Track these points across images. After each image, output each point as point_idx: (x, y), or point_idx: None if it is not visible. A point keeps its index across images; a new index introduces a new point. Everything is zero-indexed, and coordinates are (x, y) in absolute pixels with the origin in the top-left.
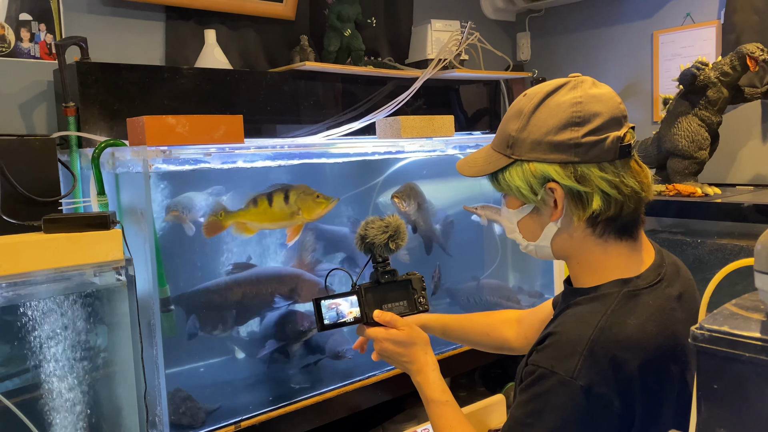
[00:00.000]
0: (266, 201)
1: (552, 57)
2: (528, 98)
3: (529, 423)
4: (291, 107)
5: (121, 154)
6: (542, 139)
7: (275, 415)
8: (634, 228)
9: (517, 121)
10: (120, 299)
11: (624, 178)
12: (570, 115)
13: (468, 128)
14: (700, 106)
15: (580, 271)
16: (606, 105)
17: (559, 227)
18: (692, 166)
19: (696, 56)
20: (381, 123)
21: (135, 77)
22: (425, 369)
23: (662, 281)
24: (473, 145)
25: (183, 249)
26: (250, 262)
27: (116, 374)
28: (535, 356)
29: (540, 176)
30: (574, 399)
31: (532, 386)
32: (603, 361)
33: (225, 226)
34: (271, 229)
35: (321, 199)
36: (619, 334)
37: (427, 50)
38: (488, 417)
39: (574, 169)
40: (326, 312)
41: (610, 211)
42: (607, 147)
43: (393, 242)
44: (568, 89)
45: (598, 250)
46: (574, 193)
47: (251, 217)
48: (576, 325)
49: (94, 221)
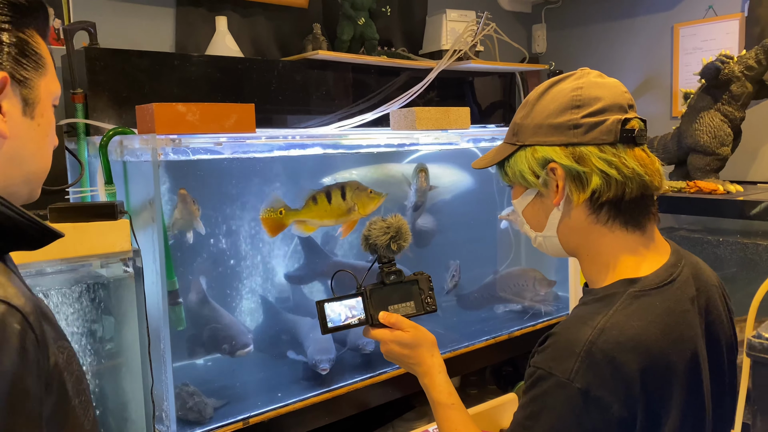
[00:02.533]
0: (325, 198)
1: (568, 49)
2: (535, 90)
3: (528, 425)
4: (303, 97)
5: (129, 143)
6: (543, 122)
7: (284, 412)
8: (641, 218)
9: (523, 110)
10: (127, 291)
11: (625, 160)
12: (570, 98)
13: (482, 121)
14: (723, 101)
15: (590, 267)
16: (609, 91)
17: (562, 212)
18: (714, 162)
19: (718, 50)
20: (395, 114)
21: (144, 64)
22: (431, 371)
23: (674, 282)
24: (489, 137)
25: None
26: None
27: (123, 368)
28: (535, 357)
29: (541, 158)
30: (570, 401)
31: (531, 388)
32: (601, 363)
33: (286, 224)
34: (329, 226)
35: (374, 195)
36: (619, 335)
37: (442, 41)
38: (500, 416)
39: (573, 149)
40: (330, 314)
41: (611, 191)
42: (606, 128)
43: (395, 243)
44: (573, 78)
45: (605, 241)
46: (574, 174)
47: (311, 214)
48: (576, 325)
49: (101, 211)
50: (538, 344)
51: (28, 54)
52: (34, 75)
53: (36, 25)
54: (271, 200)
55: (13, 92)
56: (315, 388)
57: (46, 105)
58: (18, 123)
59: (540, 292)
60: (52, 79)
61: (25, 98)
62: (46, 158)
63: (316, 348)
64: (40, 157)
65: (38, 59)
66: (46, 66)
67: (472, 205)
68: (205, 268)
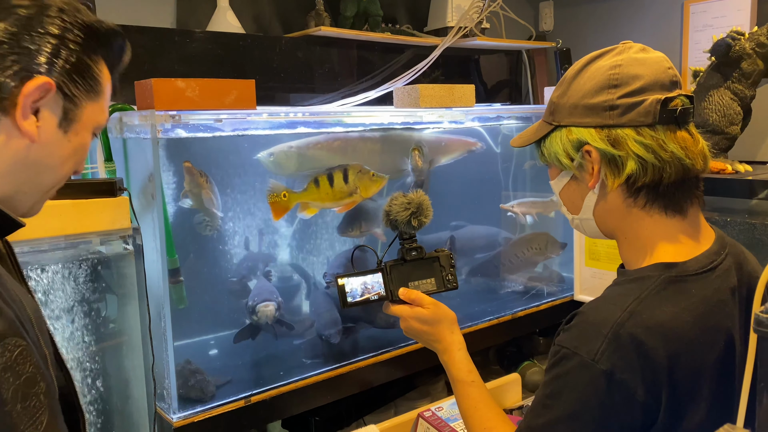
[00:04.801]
0: (327, 181)
1: (576, 27)
2: (572, 66)
3: (548, 404)
4: (306, 74)
5: (128, 119)
6: (579, 102)
7: (286, 390)
8: (683, 202)
9: (560, 88)
10: (127, 269)
11: (664, 144)
12: (607, 77)
13: (488, 100)
14: (733, 79)
15: (628, 249)
16: (649, 68)
17: (597, 195)
18: (722, 141)
19: (729, 27)
20: (398, 91)
21: (145, 40)
22: (451, 348)
23: (714, 270)
24: (494, 116)
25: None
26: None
27: (124, 346)
28: (561, 336)
29: (575, 141)
30: (593, 382)
31: (554, 367)
32: (628, 346)
33: (290, 207)
34: (330, 208)
35: (376, 178)
36: (649, 319)
37: (447, 17)
38: (503, 396)
39: (609, 132)
40: (349, 290)
41: (647, 177)
42: (644, 110)
43: (416, 219)
44: (613, 54)
45: (643, 224)
46: (609, 158)
47: (314, 196)
48: (605, 306)
49: (99, 188)
50: (564, 322)
51: (86, 77)
52: (84, 96)
53: (106, 54)
54: (271, 186)
55: (55, 103)
56: (317, 366)
57: (85, 128)
58: (50, 133)
59: (552, 255)
60: (101, 110)
61: (66, 112)
62: (63, 176)
63: (323, 322)
64: (57, 172)
65: (94, 84)
66: (100, 94)
67: (477, 184)
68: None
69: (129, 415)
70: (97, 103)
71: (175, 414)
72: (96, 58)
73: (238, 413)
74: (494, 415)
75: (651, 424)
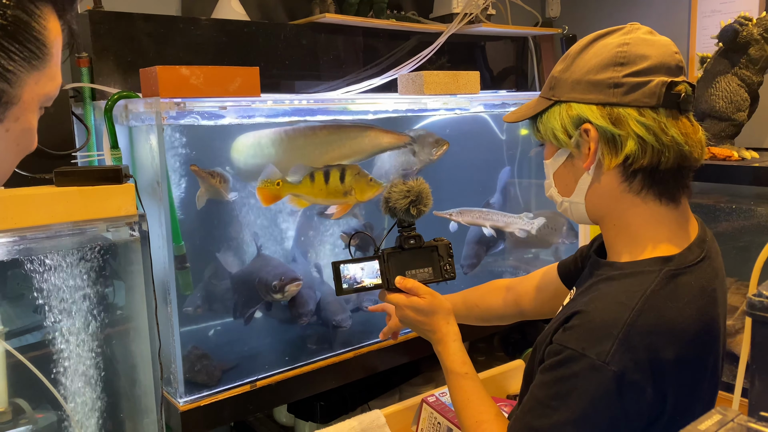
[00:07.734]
0: (323, 177)
1: (583, 13)
2: (578, 43)
3: (554, 406)
4: (310, 61)
5: (134, 107)
6: (582, 78)
7: (291, 375)
8: (676, 191)
9: (562, 63)
10: (134, 255)
11: (665, 127)
12: (614, 54)
13: (494, 87)
14: (741, 65)
15: (616, 237)
16: (657, 50)
17: (592, 178)
18: (729, 128)
19: (736, 13)
20: (403, 78)
21: (150, 28)
22: (446, 339)
23: (705, 259)
24: (499, 103)
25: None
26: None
27: (131, 331)
28: (561, 335)
29: (575, 117)
30: (604, 385)
31: (558, 367)
32: (639, 346)
33: (281, 196)
34: (322, 204)
35: (373, 183)
36: (658, 318)
37: (453, 4)
38: (507, 382)
39: (611, 110)
40: (345, 276)
41: (645, 159)
42: (650, 91)
43: (415, 207)
44: (621, 33)
45: (636, 211)
46: (608, 136)
47: (307, 190)
48: (611, 305)
49: (106, 175)
50: (562, 320)
51: (22, 40)
52: (22, 68)
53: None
54: (268, 172)
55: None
56: (322, 352)
57: (28, 108)
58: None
59: (565, 241)
60: (49, 77)
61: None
62: (5, 172)
63: (331, 310)
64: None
65: (36, 48)
66: (45, 59)
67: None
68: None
69: (137, 398)
70: (41, 70)
71: (181, 398)
72: (36, 8)
73: (244, 397)
74: (487, 408)
75: (654, 420)
